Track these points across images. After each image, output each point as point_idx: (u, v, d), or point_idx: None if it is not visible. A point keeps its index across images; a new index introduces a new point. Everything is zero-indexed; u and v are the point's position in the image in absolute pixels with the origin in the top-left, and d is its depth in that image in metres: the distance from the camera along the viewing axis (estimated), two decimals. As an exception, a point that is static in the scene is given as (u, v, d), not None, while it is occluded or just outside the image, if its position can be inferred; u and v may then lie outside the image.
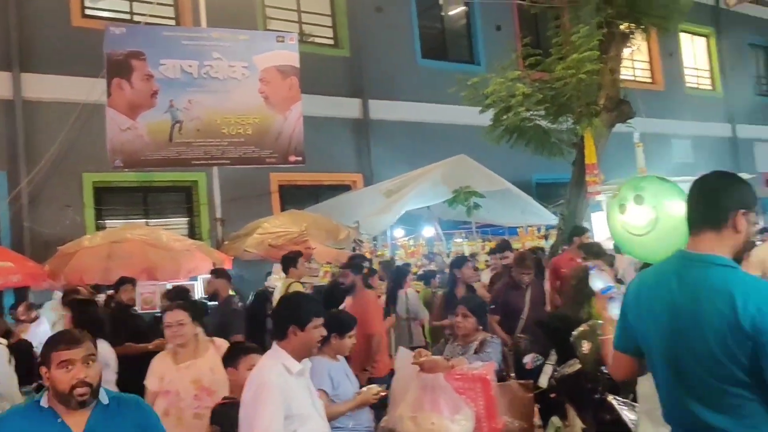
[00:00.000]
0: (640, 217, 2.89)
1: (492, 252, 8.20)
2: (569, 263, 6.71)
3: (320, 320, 3.06)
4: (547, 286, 6.83)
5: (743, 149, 18.56)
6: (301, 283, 6.79)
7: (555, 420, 5.16)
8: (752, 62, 20.21)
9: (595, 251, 5.85)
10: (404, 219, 10.19)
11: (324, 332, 3.09)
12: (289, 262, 6.79)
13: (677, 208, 2.65)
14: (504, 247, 7.47)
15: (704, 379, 2.10)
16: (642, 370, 2.43)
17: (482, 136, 9.18)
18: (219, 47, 9.43)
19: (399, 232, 11.20)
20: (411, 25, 13.36)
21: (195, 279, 8.71)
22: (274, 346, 3.06)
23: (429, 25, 13.92)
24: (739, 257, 2.24)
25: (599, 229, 10.79)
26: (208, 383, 3.92)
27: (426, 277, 8.46)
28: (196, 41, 9.40)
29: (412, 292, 7.25)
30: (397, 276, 7.33)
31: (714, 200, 2.22)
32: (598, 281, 3.04)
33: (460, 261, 6.92)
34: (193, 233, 10.62)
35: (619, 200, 3.05)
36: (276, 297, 6.93)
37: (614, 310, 2.87)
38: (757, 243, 4.67)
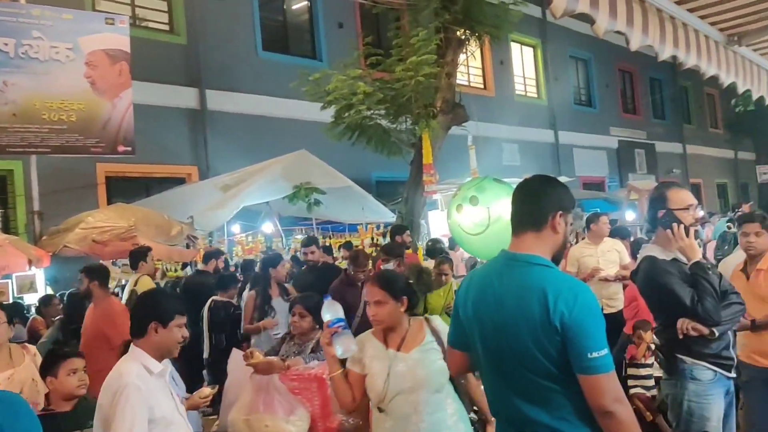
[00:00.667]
0: (475, 217, 3.00)
1: (302, 245, 8.05)
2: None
3: (183, 319, 2.87)
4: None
5: (564, 154, 20.09)
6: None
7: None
8: (573, 73, 21.94)
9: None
10: (242, 215, 9.93)
11: (186, 333, 2.89)
12: (139, 256, 6.60)
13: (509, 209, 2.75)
14: (310, 242, 7.35)
15: (522, 373, 2.21)
16: (474, 366, 2.51)
17: (324, 132, 9.15)
18: (40, 26, 8.62)
19: (236, 228, 10.91)
20: (252, 15, 13.06)
21: (8, 277, 7.96)
22: (131, 346, 2.83)
23: (271, 17, 13.68)
24: (558, 256, 2.37)
25: (435, 227, 11.21)
26: (30, 395, 3.55)
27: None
28: (13, 17, 8.53)
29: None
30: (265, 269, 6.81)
31: (535, 203, 2.33)
32: (326, 313, 2.97)
33: (274, 260, 6.60)
34: (7, 227, 9.69)
35: (457, 200, 3.15)
36: (126, 293, 6.56)
37: (338, 347, 2.88)
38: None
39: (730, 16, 4.03)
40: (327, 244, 9.87)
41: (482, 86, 18.17)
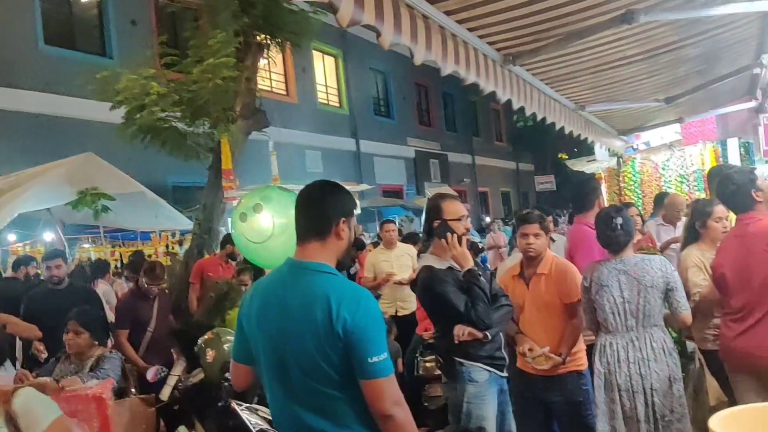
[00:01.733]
0: (259, 226, 2.94)
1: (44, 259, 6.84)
2: (215, 267, 6.70)
3: None
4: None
5: (365, 162, 20.68)
6: None
7: (182, 429, 5.00)
8: (372, 84, 22.69)
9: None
10: (18, 222, 8.98)
11: None
12: None
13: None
14: (56, 254, 6.26)
15: (305, 383, 2.21)
16: (259, 380, 2.45)
17: (114, 133, 8.56)
18: None
19: (11, 237, 9.86)
20: (32, 5, 11.92)
21: None
22: None
23: (54, 8, 12.57)
24: (345, 261, 2.40)
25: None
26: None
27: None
28: None
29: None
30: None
31: (317, 210, 2.33)
32: None
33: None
34: None
35: (240, 209, 3.08)
36: None
37: None
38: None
39: (506, 36, 4.36)
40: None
41: (285, 93, 18.16)
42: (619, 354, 3.66)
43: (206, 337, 3.85)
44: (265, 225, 2.89)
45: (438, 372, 6.01)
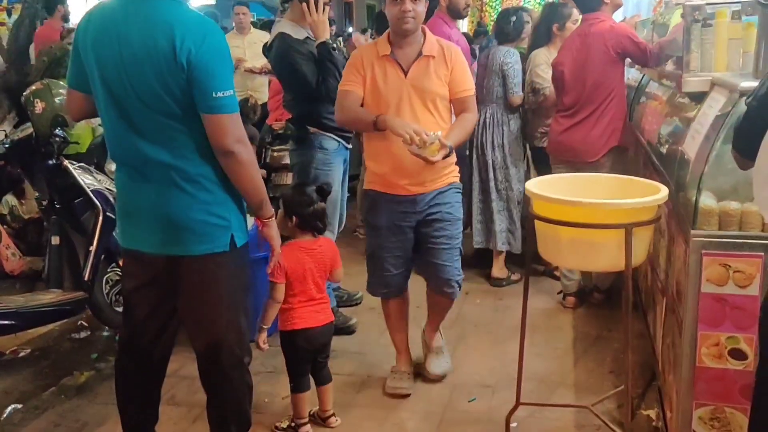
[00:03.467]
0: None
1: None
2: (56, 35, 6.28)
3: None
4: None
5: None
6: None
7: (9, 198, 4.77)
8: None
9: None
10: None
11: None
12: None
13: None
14: None
15: (144, 113, 2.14)
16: (95, 109, 2.32)
17: None
18: None
19: None
20: None
21: None
22: None
23: None
24: None
25: None
26: None
27: None
28: None
29: None
30: None
31: None
32: None
33: None
34: None
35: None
36: None
37: None
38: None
39: None
40: None
41: None
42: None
43: (34, 87, 3.54)
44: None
45: (286, 161, 6.09)
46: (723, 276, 2.21)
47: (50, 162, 3.57)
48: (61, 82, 3.52)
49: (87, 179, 3.61)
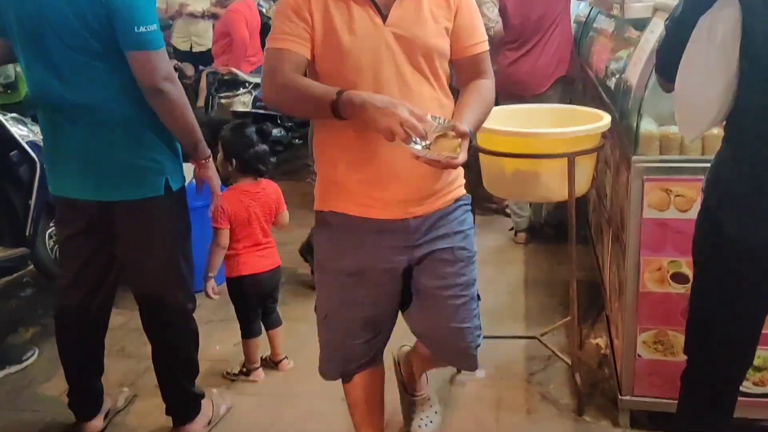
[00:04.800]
0: None
1: None
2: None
3: None
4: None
5: None
6: None
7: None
8: None
9: None
10: None
11: None
12: None
13: None
14: None
15: (65, 54, 2.03)
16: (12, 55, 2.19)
17: None
18: None
19: None
20: None
21: None
22: None
23: None
24: None
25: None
26: None
27: None
28: None
29: None
30: None
31: None
32: None
33: None
34: None
35: None
36: None
37: None
38: None
39: None
40: None
41: None
42: None
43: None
44: None
45: (234, 109, 5.94)
46: (664, 201, 2.21)
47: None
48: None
49: (21, 130, 3.46)
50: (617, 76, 3.10)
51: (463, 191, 1.93)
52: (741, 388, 1.86)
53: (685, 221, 2.19)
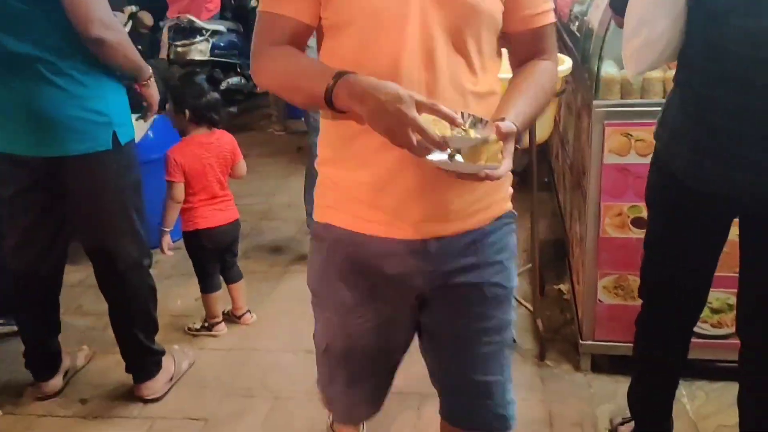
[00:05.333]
0: None
1: None
2: None
3: None
4: None
5: None
6: None
7: None
8: None
9: None
10: None
11: None
12: None
13: None
14: None
15: (2, 1, 1.91)
16: None
17: None
18: None
19: None
20: None
21: None
22: None
23: None
24: None
25: None
26: None
27: None
28: None
29: None
30: None
31: None
32: None
33: None
34: None
35: None
36: None
37: None
38: None
39: None
40: None
41: None
42: None
43: None
44: None
45: (192, 57, 5.76)
46: (625, 146, 2.19)
47: None
48: None
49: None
50: (580, 19, 3.05)
51: (508, 205, 1.41)
52: (699, 330, 1.88)
53: (645, 166, 2.15)
